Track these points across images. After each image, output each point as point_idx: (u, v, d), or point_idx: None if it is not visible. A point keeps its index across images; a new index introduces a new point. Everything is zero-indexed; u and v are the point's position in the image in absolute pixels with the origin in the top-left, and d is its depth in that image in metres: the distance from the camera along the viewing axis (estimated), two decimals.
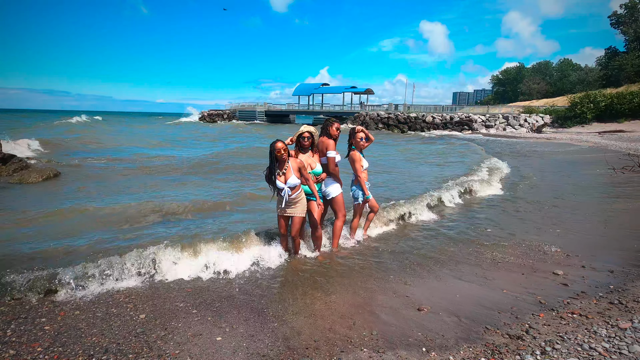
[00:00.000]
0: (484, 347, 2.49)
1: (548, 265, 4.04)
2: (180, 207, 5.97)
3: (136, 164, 11.42)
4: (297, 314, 3.04)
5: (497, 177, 9.59)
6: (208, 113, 57.33)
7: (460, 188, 7.63)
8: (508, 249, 4.61)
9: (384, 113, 40.53)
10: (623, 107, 30.79)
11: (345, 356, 2.44)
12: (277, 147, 3.70)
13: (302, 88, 55.57)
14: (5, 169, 8.71)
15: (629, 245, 4.62)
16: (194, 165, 11.17)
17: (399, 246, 4.74)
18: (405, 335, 2.67)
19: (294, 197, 3.81)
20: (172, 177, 9.27)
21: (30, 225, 5.04)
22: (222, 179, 9.12)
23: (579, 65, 67.42)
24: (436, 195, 6.86)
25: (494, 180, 9.09)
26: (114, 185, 8.16)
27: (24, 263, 3.69)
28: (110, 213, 5.67)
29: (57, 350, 2.50)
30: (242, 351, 2.52)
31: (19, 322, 2.82)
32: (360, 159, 4.51)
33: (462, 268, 4.00)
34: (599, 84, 48.64)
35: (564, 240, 4.89)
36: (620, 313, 2.88)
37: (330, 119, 4.40)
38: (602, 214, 6.21)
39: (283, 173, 3.80)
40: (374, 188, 5.69)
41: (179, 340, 2.63)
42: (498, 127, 34.19)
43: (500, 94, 77.32)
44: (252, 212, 5.87)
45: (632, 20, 47.94)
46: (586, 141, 21.26)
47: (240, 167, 10.77)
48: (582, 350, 2.40)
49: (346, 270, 3.98)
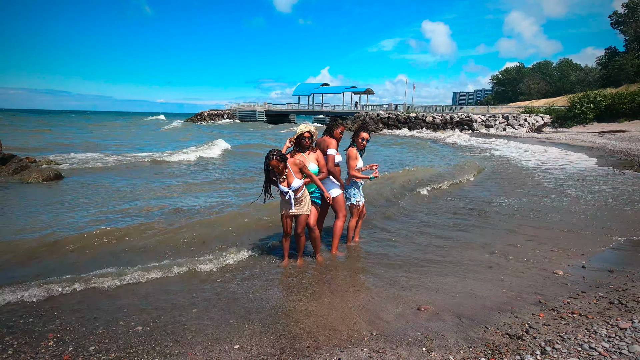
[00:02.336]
0: (484, 347, 2.49)
1: (548, 265, 4.04)
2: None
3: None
4: (297, 313, 3.04)
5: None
6: (208, 113, 57.39)
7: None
8: (508, 248, 4.61)
9: (383, 113, 40.53)
10: (623, 107, 30.78)
11: (345, 356, 2.44)
12: (272, 165, 3.68)
13: (302, 88, 55.56)
14: (5, 169, 8.71)
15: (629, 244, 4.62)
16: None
17: (399, 246, 4.74)
18: (405, 335, 2.67)
19: (299, 197, 3.85)
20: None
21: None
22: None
23: (579, 65, 67.43)
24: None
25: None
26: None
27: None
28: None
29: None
30: (243, 350, 2.52)
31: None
32: (355, 157, 4.47)
33: (462, 268, 4.00)
34: (598, 83, 48.61)
35: (564, 240, 4.89)
36: (620, 313, 2.89)
37: (337, 120, 4.38)
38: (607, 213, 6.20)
39: (284, 179, 3.81)
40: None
41: (179, 339, 2.63)
42: (498, 127, 34.18)
43: (500, 94, 77.29)
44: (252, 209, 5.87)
45: (633, 20, 47.90)
46: (586, 141, 21.25)
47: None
48: (582, 350, 2.40)
49: (345, 270, 3.98)
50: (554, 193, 8.04)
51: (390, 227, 5.53)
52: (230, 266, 4.05)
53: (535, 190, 8.36)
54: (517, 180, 9.82)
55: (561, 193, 8.04)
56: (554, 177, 10.26)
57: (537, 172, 11.33)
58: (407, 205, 6.79)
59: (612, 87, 40.91)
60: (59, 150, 14.06)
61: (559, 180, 9.80)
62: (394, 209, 6.40)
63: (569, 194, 7.97)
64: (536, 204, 7.05)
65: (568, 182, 9.35)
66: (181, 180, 9.23)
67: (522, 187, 8.80)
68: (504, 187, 8.84)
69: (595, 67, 57.90)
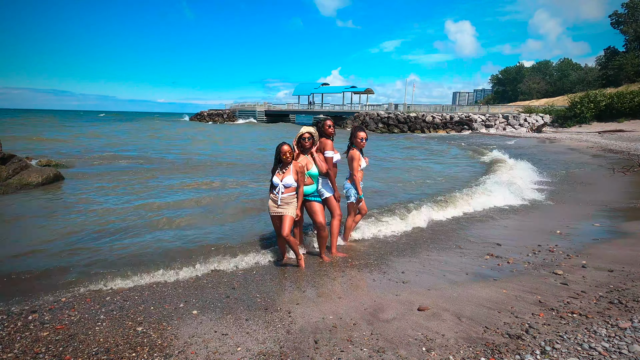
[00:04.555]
0: (484, 347, 2.49)
1: (548, 265, 4.04)
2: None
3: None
4: (297, 313, 3.05)
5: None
6: (208, 113, 57.43)
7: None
8: (508, 248, 4.61)
9: (383, 113, 40.53)
10: (623, 106, 30.78)
11: (345, 356, 2.44)
12: (283, 150, 3.88)
13: (302, 87, 55.43)
14: (5, 169, 8.71)
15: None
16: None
17: (399, 247, 4.74)
18: (405, 335, 2.67)
19: (286, 197, 3.88)
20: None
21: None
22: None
23: (579, 64, 67.45)
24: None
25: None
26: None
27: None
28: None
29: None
30: (243, 350, 2.53)
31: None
32: (359, 158, 4.54)
33: (462, 268, 4.00)
34: (598, 83, 48.63)
35: (563, 240, 4.89)
36: (620, 313, 2.88)
37: (320, 120, 4.54)
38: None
39: (283, 172, 3.90)
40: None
41: (181, 339, 2.64)
42: (498, 127, 34.19)
43: (500, 94, 77.29)
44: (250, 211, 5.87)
45: (633, 20, 47.90)
46: (586, 141, 21.25)
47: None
48: (582, 349, 2.40)
49: (345, 270, 3.99)
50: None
51: (391, 227, 5.53)
52: (229, 266, 4.06)
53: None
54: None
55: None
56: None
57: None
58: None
59: (611, 87, 40.92)
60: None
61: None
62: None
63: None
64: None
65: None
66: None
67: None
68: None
69: (595, 66, 57.90)
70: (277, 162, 3.96)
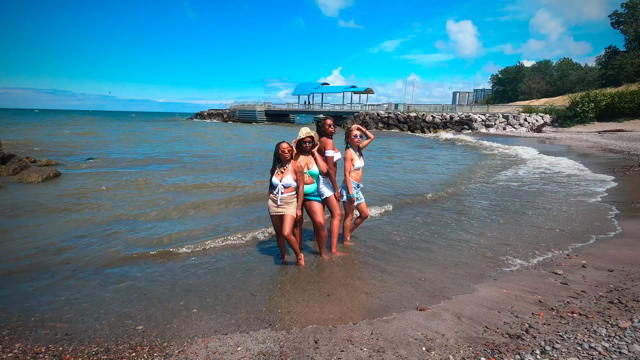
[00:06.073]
0: (484, 347, 2.49)
1: (548, 265, 4.04)
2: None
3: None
4: (297, 313, 3.04)
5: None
6: (208, 112, 57.45)
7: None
8: (508, 248, 4.61)
9: (383, 113, 40.51)
10: (624, 106, 30.76)
11: (345, 356, 2.44)
12: (282, 147, 3.88)
13: (302, 87, 55.35)
14: (5, 169, 8.71)
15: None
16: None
17: (399, 247, 4.74)
18: (405, 335, 2.67)
19: (286, 197, 3.88)
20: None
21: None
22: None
23: (579, 64, 67.40)
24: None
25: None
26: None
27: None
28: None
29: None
30: (243, 350, 2.53)
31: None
32: (351, 158, 4.52)
33: (463, 268, 4.00)
34: (598, 83, 48.60)
35: (563, 240, 4.89)
36: (620, 312, 2.88)
37: (320, 119, 4.51)
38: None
39: (282, 172, 3.89)
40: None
41: (181, 339, 2.64)
42: (498, 127, 34.17)
43: (500, 94, 77.24)
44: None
45: (633, 20, 47.86)
46: (586, 140, 21.25)
47: None
48: (582, 349, 2.40)
49: (345, 270, 3.98)
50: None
51: (390, 226, 5.53)
52: (227, 264, 4.06)
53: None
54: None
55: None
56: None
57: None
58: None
59: (611, 87, 40.89)
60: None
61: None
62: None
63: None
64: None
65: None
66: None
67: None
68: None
69: (595, 66, 57.87)
70: (276, 160, 3.96)
